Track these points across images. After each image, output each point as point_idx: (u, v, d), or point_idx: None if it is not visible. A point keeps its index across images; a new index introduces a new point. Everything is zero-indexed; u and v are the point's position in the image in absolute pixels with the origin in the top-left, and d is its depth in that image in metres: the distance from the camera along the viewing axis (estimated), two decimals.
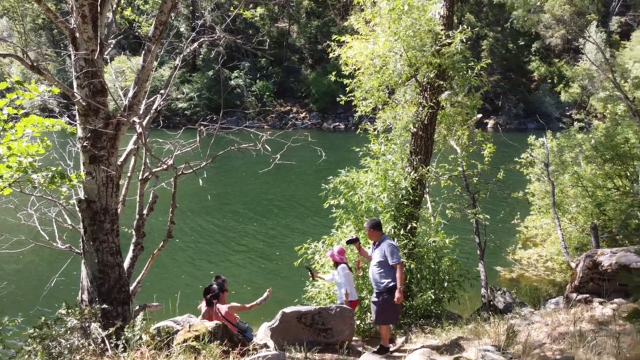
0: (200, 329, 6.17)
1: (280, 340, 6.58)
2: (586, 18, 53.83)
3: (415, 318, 8.25)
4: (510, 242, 15.53)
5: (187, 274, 14.06)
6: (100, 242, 6.42)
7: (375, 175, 8.66)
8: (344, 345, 6.37)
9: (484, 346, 4.55)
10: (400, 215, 8.48)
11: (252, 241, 17.20)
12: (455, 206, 10.80)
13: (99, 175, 6.27)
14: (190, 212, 19.94)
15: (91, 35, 5.98)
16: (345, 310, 6.85)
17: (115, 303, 6.56)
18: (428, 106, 8.97)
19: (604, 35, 50.87)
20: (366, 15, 9.27)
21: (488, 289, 10.21)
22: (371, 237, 6.98)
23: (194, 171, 6.37)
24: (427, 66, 8.93)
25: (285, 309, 6.69)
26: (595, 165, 13.10)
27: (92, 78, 6.06)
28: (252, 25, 59.03)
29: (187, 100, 53.37)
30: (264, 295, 7.36)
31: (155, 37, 6.42)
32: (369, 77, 9.41)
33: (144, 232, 7.23)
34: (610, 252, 7.21)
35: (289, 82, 58.32)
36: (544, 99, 55.58)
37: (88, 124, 6.13)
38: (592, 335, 4.86)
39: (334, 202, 8.88)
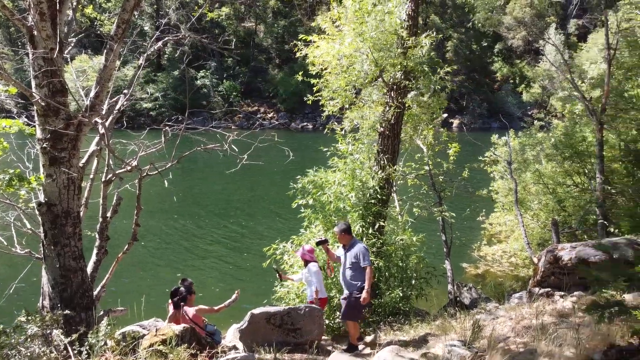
0: (167, 333, 6.06)
1: (250, 342, 6.53)
2: (546, 20, 55.52)
3: (384, 316, 8.33)
4: (475, 239, 15.86)
5: (153, 277, 13.80)
6: (62, 246, 6.23)
7: (343, 174, 8.71)
8: (313, 345, 6.37)
9: (450, 341, 4.64)
10: (368, 214, 8.55)
11: (220, 243, 17.02)
12: (421, 204, 10.96)
13: (59, 178, 6.09)
14: (156, 214, 19.57)
15: (50, 34, 5.80)
16: (314, 310, 6.86)
17: (78, 309, 6.38)
18: (394, 106, 9.06)
19: (563, 37, 52.54)
20: (332, 16, 9.30)
21: (454, 285, 10.40)
22: (341, 240, 7.07)
23: (159, 172, 6.26)
24: (392, 67, 9.02)
25: (253, 310, 6.65)
26: (556, 163, 13.51)
27: (52, 77, 5.88)
28: (218, 25, 58.41)
29: (152, 101, 52.37)
30: (232, 297, 7.29)
31: (117, 36, 6.27)
32: (336, 77, 9.45)
33: (108, 235, 7.06)
34: (570, 246, 7.45)
35: (256, 82, 57.99)
36: (507, 98, 57.02)
37: (48, 124, 5.94)
38: (554, 328, 5.02)
39: (303, 202, 8.87)
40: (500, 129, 40.93)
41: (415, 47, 8.91)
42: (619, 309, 3.99)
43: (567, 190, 12.97)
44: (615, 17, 12.97)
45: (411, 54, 8.92)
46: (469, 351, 4.21)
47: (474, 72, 58.84)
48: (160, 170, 6.31)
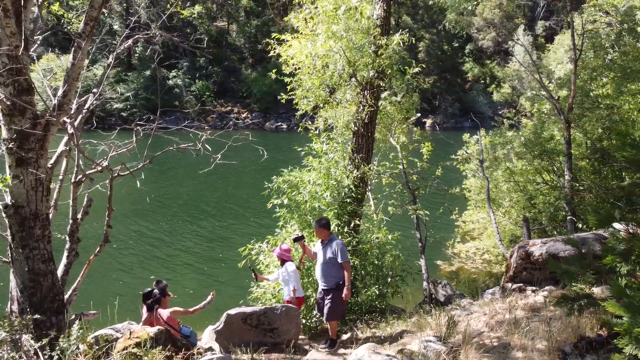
0: (141, 335, 5.96)
1: (226, 343, 6.48)
2: (514, 22, 56.63)
3: (361, 314, 8.36)
4: (449, 237, 16.08)
5: (125, 280, 13.56)
6: (31, 249, 6.05)
7: (318, 173, 8.71)
8: (290, 344, 6.35)
9: (426, 337, 4.68)
10: (343, 213, 8.57)
11: (194, 244, 16.82)
12: (396, 203, 11.04)
13: (27, 179, 5.91)
14: (128, 215, 19.23)
15: (14, 30, 5.62)
16: (291, 310, 6.84)
17: (48, 313, 6.20)
18: (368, 105, 9.11)
19: (531, 38, 53.72)
20: (304, 15, 9.29)
21: (429, 282, 10.53)
22: (320, 235, 7.08)
23: (130, 173, 6.15)
24: (365, 66, 9.07)
25: (229, 311, 6.59)
26: (525, 161, 13.80)
27: (17, 75, 5.70)
28: (190, 24, 57.78)
29: (123, 101, 51.51)
30: (207, 298, 7.22)
31: (85, 33, 6.12)
32: (310, 76, 9.45)
33: (79, 237, 6.90)
34: (541, 242, 7.62)
35: (229, 81, 57.56)
36: (478, 98, 58.00)
37: (13, 124, 5.75)
38: (526, 322, 5.12)
39: (278, 202, 8.84)
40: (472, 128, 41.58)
41: (387, 47, 8.97)
42: (588, 302, 4.10)
43: (537, 188, 13.27)
44: (581, 19, 13.33)
45: (383, 53, 8.98)
46: (445, 346, 4.26)
47: (446, 72, 59.65)
48: (132, 171, 6.19)
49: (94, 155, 7.12)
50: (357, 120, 9.31)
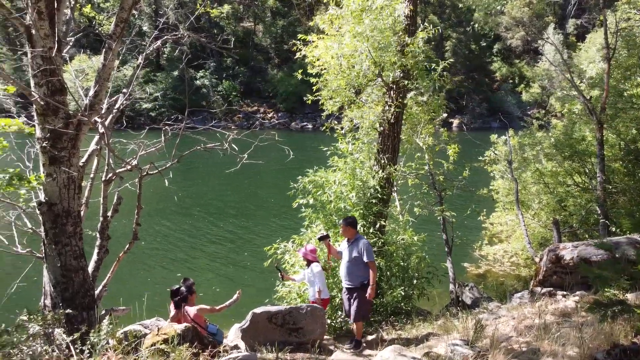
0: (169, 332, 6.05)
1: (251, 341, 6.51)
2: (544, 20, 55.53)
3: (386, 315, 8.31)
4: (476, 239, 15.84)
5: (154, 277, 13.77)
6: (63, 245, 6.21)
7: (343, 174, 8.69)
8: (315, 344, 6.35)
9: (453, 341, 4.62)
10: (369, 214, 8.53)
11: (220, 242, 16.98)
12: (422, 204, 10.94)
13: (60, 177, 6.06)
14: (156, 213, 19.53)
15: (48, 32, 5.77)
16: (317, 310, 6.83)
17: (80, 308, 6.36)
18: (394, 105, 9.05)
19: (561, 37, 52.58)
20: (330, 16, 9.27)
21: (456, 284, 10.39)
22: (346, 234, 7.08)
23: (159, 172, 6.24)
24: (391, 66, 9.01)
25: (255, 310, 6.63)
26: (556, 162, 13.50)
27: (50, 76, 5.85)
28: (217, 25, 58.44)
29: (152, 101, 52.40)
30: (233, 297, 7.27)
31: (116, 35, 6.25)
32: (335, 76, 9.44)
33: (109, 234, 7.03)
34: (572, 246, 7.44)
35: (255, 82, 57.98)
36: (506, 98, 57.05)
37: (47, 124, 5.91)
38: (557, 327, 5.00)
39: (303, 202, 8.85)
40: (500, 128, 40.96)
41: (413, 45, 8.89)
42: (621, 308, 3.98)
43: (568, 190, 12.96)
44: (614, 17, 12.96)
45: (408, 51, 8.90)
46: (472, 350, 4.19)
47: (473, 71, 58.91)
48: (161, 170, 6.29)
49: (123, 155, 7.26)
50: (383, 120, 9.25)
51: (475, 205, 13.54)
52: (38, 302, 6.38)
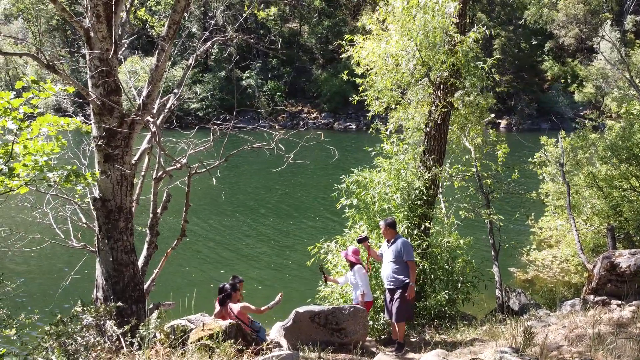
0: (214, 328, 6.17)
1: (294, 340, 6.56)
2: (600, 17, 53.23)
3: (429, 319, 8.19)
4: (524, 243, 15.36)
5: (201, 273, 14.09)
6: (115, 240, 6.44)
7: (388, 175, 8.62)
8: (357, 346, 6.33)
9: (501, 348, 4.49)
10: (413, 216, 8.42)
11: (264, 240, 17.21)
12: (468, 207, 10.70)
13: (113, 174, 6.29)
14: (204, 211, 20.00)
15: (105, 35, 6.00)
16: (359, 311, 6.82)
17: (130, 301, 6.58)
18: (441, 105, 8.90)
19: (619, 34, 50.28)
20: (380, 15, 9.21)
21: (503, 290, 10.11)
22: (386, 235, 7.13)
23: (207, 170, 6.38)
24: (440, 65, 8.86)
25: (298, 309, 6.68)
26: (611, 165, 12.92)
27: (107, 77, 6.08)
28: (263, 26, 59.15)
29: (200, 101, 53.64)
30: (276, 298, 7.35)
31: (168, 37, 6.44)
32: (382, 76, 9.37)
33: (158, 230, 7.24)
34: (629, 253, 7.09)
35: (300, 82, 58.35)
36: (558, 98, 55.01)
37: (103, 122, 6.15)
38: (612, 338, 4.78)
39: (347, 202, 8.84)
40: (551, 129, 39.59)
41: (463, 44, 8.71)
42: None
43: (624, 195, 12.37)
44: None
45: (459, 49, 8.73)
46: (521, 358, 4.06)
47: (523, 71, 57.16)
48: (209, 169, 6.42)
49: (173, 153, 7.46)
50: (430, 120, 9.12)
51: (523, 209, 13.11)
52: (90, 295, 6.66)
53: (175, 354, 4.68)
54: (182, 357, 4.67)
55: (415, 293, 8.50)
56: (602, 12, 55.28)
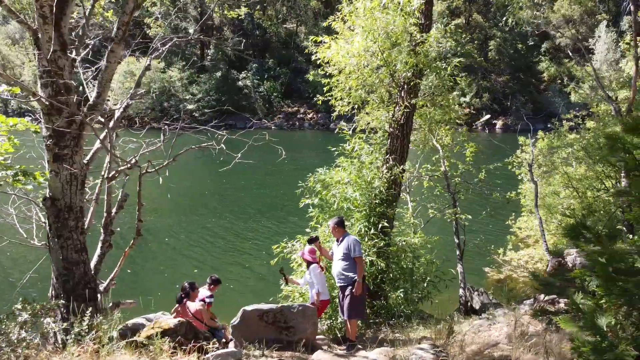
0: (163, 325, 6.26)
1: (241, 338, 6.62)
2: (596, 18, 53.19)
3: (387, 317, 8.23)
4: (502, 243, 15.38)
5: (173, 272, 14.10)
6: (65, 239, 6.50)
7: (349, 174, 8.67)
8: (300, 343, 6.38)
9: (420, 345, 4.54)
10: (372, 215, 8.47)
11: (231, 240, 17.23)
12: (436, 206, 10.74)
13: (62, 174, 6.36)
14: (174, 212, 19.86)
15: (52, 36, 6.07)
16: (308, 309, 6.87)
17: (80, 299, 6.64)
18: (404, 106, 8.95)
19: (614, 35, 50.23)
20: (343, 15, 9.26)
21: (466, 289, 10.15)
22: (335, 233, 7.23)
23: (156, 170, 6.45)
24: (403, 65, 8.91)
25: (246, 307, 6.74)
26: (586, 165, 12.95)
27: (55, 78, 6.15)
28: (260, 26, 59.25)
29: (196, 102, 53.74)
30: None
31: (117, 37, 6.50)
32: (347, 77, 9.42)
33: (113, 229, 7.31)
34: (576, 252, 7.13)
35: (296, 82, 58.39)
36: (554, 99, 54.96)
37: (51, 122, 6.22)
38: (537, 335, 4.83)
39: (309, 202, 8.90)
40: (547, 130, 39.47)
41: (425, 44, 8.75)
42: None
43: (597, 195, 12.39)
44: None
45: (420, 50, 8.78)
46: (433, 355, 4.11)
47: (519, 71, 57.11)
48: (157, 169, 6.49)
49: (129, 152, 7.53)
50: (393, 121, 9.17)
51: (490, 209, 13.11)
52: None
53: (103, 351, 4.74)
54: (109, 354, 4.73)
55: (374, 292, 8.58)
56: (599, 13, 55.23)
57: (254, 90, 56.75)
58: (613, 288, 2.73)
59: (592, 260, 2.87)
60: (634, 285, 2.69)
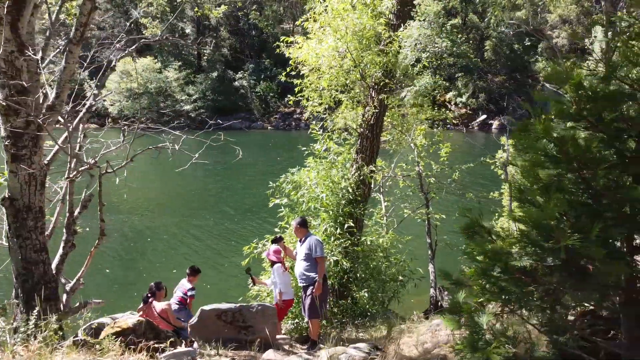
0: (122, 325, 6.29)
1: (199, 337, 6.65)
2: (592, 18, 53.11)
3: (353, 317, 8.26)
4: None
5: (147, 273, 14.05)
6: (24, 239, 6.53)
7: (317, 174, 8.70)
8: (255, 342, 6.41)
9: (357, 345, 4.57)
10: (339, 215, 8.49)
11: (205, 240, 17.18)
12: (411, 206, 10.75)
13: (20, 174, 6.39)
14: (152, 212, 19.82)
15: (9, 37, 6.10)
16: (267, 309, 6.91)
17: (39, 299, 6.68)
18: (373, 106, 8.97)
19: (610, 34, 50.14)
20: (312, 15, 9.28)
21: (437, 289, 10.17)
22: (297, 234, 7.26)
23: (114, 171, 6.49)
24: (372, 65, 8.93)
25: (204, 307, 6.77)
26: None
27: (12, 79, 6.19)
28: (256, 27, 59.33)
29: (192, 102, 53.80)
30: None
31: (75, 39, 6.55)
32: (318, 77, 9.44)
33: (75, 229, 7.34)
34: None
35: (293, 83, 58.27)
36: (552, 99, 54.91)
37: (9, 123, 6.26)
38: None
39: (279, 202, 8.93)
40: None
41: (394, 44, 8.77)
42: None
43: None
44: None
45: (389, 50, 8.80)
46: (364, 354, 4.14)
47: (516, 72, 57.10)
48: (115, 170, 6.53)
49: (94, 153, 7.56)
50: (363, 121, 9.19)
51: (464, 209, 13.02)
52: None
53: (45, 350, 4.76)
54: (52, 355, 4.75)
55: (341, 292, 8.60)
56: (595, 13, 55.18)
57: (250, 90, 56.80)
58: (490, 286, 2.76)
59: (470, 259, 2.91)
60: (512, 283, 2.73)
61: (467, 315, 2.74)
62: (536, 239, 2.76)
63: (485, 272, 2.81)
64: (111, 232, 14.37)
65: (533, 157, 2.94)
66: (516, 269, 2.76)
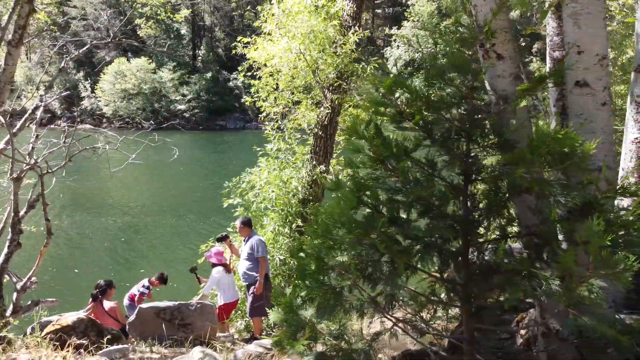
0: (62, 323, 6.39)
1: (137, 335, 6.74)
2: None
3: None
4: None
5: (99, 272, 13.98)
6: None
7: (269, 174, 8.79)
8: (188, 340, 6.50)
9: (261, 340, 4.64)
10: (289, 214, 8.58)
11: (160, 240, 17.14)
12: None
13: None
14: (109, 212, 19.62)
15: None
16: (206, 307, 6.99)
17: None
18: (326, 107, 9.06)
19: None
20: (265, 16, 9.36)
21: None
22: (241, 233, 7.40)
23: (52, 172, 6.60)
24: (326, 66, 9.03)
25: (142, 305, 6.86)
26: None
27: None
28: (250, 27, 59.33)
29: (187, 102, 53.90)
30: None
31: (14, 41, 6.66)
32: (273, 78, 9.54)
33: (21, 228, 7.45)
34: None
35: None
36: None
37: None
38: None
39: (232, 201, 9.02)
40: None
41: (344, 46, 8.86)
42: None
43: None
44: None
45: (341, 52, 8.88)
46: (262, 349, 4.22)
47: None
48: (55, 170, 6.64)
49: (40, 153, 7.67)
50: (317, 122, 9.28)
51: None
52: None
53: None
54: None
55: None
56: None
57: (245, 91, 56.85)
58: (307, 281, 2.86)
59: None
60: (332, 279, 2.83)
61: (287, 309, 2.83)
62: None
63: (301, 268, 2.89)
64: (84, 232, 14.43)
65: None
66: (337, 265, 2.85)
